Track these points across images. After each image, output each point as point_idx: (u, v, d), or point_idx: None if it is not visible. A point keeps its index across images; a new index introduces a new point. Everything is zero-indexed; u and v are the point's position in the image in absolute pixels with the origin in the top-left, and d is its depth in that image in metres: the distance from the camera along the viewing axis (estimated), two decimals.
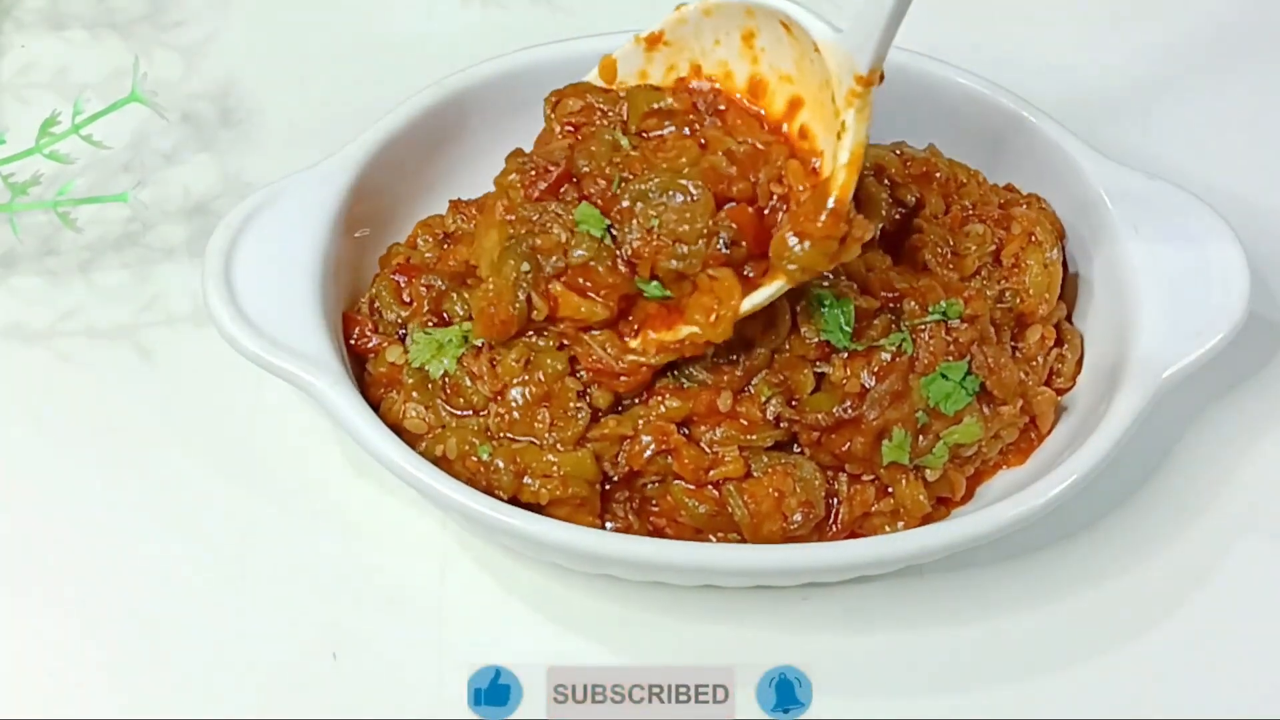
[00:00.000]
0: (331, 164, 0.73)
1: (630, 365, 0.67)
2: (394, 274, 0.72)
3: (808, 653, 0.69)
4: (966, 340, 0.68)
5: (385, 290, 0.72)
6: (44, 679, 0.68)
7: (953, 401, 0.67)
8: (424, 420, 0.69)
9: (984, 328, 0.69)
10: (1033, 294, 0.72)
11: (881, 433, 0.67)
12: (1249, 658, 0.69)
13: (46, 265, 0.80)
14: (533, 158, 0.69)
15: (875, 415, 0.66)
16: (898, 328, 0.68)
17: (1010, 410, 0.69)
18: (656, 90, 0.69)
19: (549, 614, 0.69)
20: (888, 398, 0.67)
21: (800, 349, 0.67)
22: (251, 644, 0.68)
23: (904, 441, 0.67)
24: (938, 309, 0.68)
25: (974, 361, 0.68)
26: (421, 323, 0.70)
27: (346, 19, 0.90)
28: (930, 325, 0.68)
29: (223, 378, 0.74)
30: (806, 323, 0.67)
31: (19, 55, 0.88)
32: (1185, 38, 0.90)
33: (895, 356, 0.67)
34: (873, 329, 0.67)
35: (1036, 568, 0.71)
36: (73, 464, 0.73)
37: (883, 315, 0.68)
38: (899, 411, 0.67)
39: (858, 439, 0.67)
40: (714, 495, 0.66)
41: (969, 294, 0.69)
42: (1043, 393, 0.71)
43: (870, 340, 0.67)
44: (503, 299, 0.67)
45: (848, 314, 0.67)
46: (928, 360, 0.67)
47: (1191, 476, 0.73)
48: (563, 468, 0.66)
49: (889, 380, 0.67)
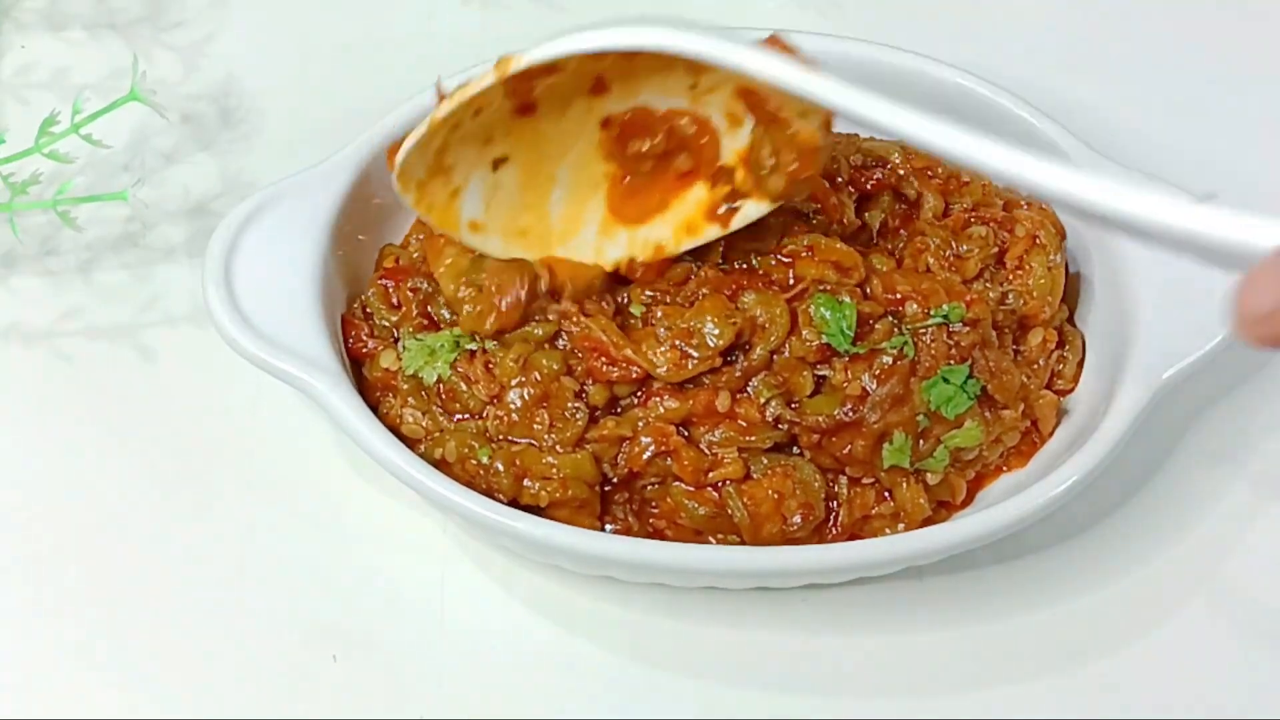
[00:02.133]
0: (332, 164, 0.73)
1: (626, 358, 0.67)
2: (382, 278, 0.72)
3: (808, 653, 0.69)
4: (968, 344, 0.68)
5: (374, 295, 0.72)
6: (43, 679, 0.68)
7: (954, 405, 0.67)
8: (421, 425, 0.69)
9: (986, 331, 0.69)
10: (1036, 297, 0.72)
11: (882, 436, 0.67)
12: (1249, 658, 0.69)
13: (46, 265, 0.80)
14: None
15: (876, 418, 0.66)
16: (899, 331, 0.68)
17: (1012, 414, 0.69)
18: None
19: (549, 615, 0.69)
20: (888, 401, 0.66)
21: (800, 350, 0.67)
22: (251, 645, 0.68)
23: (905, 445, 0.67)
24: (940, 312, 0.68)
25: (975, 365, 0.68)
26: (414, 327, 0.70)
27: (347, 19, 0.90)
28: (932, 329, 0.68)
29: (223, 378, 0.74)
30: (807, 325, 0.67)
31: (19, 55, 0.88)
32: (1186, 40, 0.90)
33: (896, 360, 0.67)
34: (874, 333, 0.67)
35: (1036, 569, 0.71)
36: (72, 464, 0.73)
37: (884, 319, 0.68)
38: (900, 415, 0.67)
39: (858, 442, 0.67)
40: (713, 497, 0.66)
41: (971, 297, 0.69)
42: (1045, 396, 0.71)
43: (871, 344, 0.67)
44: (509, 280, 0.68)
45: (850, 318, 0.67)
46: (929, 364, 0.67)
47: (1191, 477, 0.73)
48: (562, 470, 0.66)
49: (890, 384, 0.67)
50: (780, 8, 0.90)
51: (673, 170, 0.69)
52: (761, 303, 0.67)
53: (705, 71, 0.66)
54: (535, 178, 0.70)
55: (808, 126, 0.66)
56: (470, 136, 0.67)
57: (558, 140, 0.69)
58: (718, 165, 0.69)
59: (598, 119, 0.68)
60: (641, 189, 0.70)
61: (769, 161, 0.67)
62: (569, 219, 0.70)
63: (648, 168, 0.70)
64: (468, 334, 0.69)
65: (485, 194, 0.69)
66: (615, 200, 0.70)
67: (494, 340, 0.68)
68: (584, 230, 0.70)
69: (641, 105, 0.68)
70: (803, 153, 0.66)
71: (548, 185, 0.70)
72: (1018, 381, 0.69)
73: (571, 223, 0.70)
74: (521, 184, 0.69)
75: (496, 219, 0.69)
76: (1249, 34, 0.90)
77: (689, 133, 0.68)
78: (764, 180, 0.67)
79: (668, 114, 0.68)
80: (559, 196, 0.70)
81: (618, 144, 0.69)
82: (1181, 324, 0.69)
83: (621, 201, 0.70)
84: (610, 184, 0.70)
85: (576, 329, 0.67)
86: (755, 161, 0.68)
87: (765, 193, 0.68)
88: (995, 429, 0.69)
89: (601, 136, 0.69)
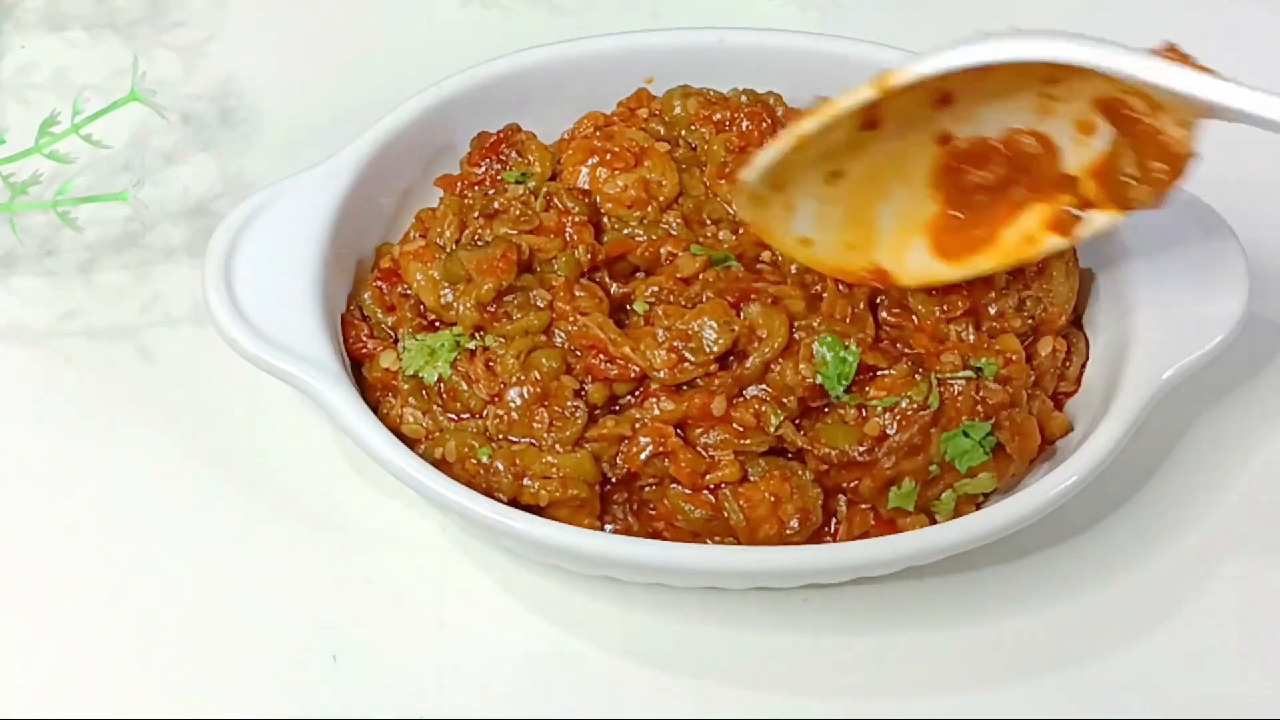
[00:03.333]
0: (332, 164, 0.73)
1: (624, 356, 0.67)
2: (377, 280, 0.72)
3: (808, 653, 0.69)
4: (995, 403, 0.67)
5: (370, 298, 0.72)
6: (43, 679, 0.68)
7: (968, 459, 0.66)
8: (421, 425, 0.69)
9: (1017, 393, 0.68)
10: (1055, 304, 0.71)
11: (892, 480, 0.66)
12: (1249, 658, 0.69)
13: (46, 265, 0.80)
14: None
15: (890, 464, 0.66)
16: (920, 377, 0.66)
17: (1022, 463, 0.68)
18: None
19: (549, 616, 0.69)
20: (905, 448, 0.66)
21: (793, 379, 0.66)
22: (251, 645, 0.68)
23: (912, 491, 0.66)
24: (975, 363, 0.67)
25: (998, 424, 0.67)
26: (413, 327, 0.70)
27: (347, 19, 0.90)
28: (962, 381, 0.67)
29: (223, 378, 0.74)
30: (806, 359, 0.66)
31: (19, 55, 0.88)
32: (1185, 37, 0.89)
33: (919, 409, 0.66)
34: (882, 379, 0.66)
35: (1036, 569, 0.71)
36: (72, 464, 0.73)
37: (899, 365, 0.67)
38: (913, 463, 0.66)
39: (866, 480, 0.66)
40: (710, 500, 0.66)
41: (1010, 356, 0.68)
42: (1056, 418, 0.70)
43: (862, 398, 0.66)
44: None
45: (848, 368, 0.66)
46: (952, 415, 0.66)
47: (1191, 477, 0.73)
48: (562, 469, 0.66)
49: (910, 431, 0.66)
50: (780, 7, 0.90)
51: (1006, 201, 0.68)
52: (763, 315, 0.67)
53: (1060, 82, 0.64)
54: (867, 192, 0.68)
55: (1179, 133, 0.63)
56: (815, 152, 0.66)
57: (895, 155, 0.67)
58: (1058, 175, 0.67)
59: (936, 133, 0.67)
60: (970, 224, 0.68)
61: (1131, 170, 0.65)
62: (899, 235, 0.69)
63: (982, 199, 0.68)
64: (468, 331, 0.68)
65: (816, 209, 0.68)
66: (940, 235, 0.68)
67: (492, 329, 0.68)
68: (912, 252, 0.69)
69: (980, 137, 0.67)
70: (1173, 160, 0.64)
71: (878, 201, 0.68)
72: (1036, 443, 0.68)
73: (901, 240, 0.69)
74: (852, 199, 0.68)
75: (826, 234, 0.68)
76: (1248, 33, 0.90)
77: (1033, 151, 0.67)
78: (1123, 190, 0.65)
79: (1010, 139, 0.67)
80: (889, 212, 0.68)
81: (949, 175, 0.67)
82: (1181, 324, 0.69)
83: (948, 237, 0.68)
84: (938, 216, 0.68)
85: (575, 327, 0.67)
86: (1113, 170, 0.65)
87: (1121, 203, 0.65)
88: (1006, 475, 0.68)
89: (937, 153, 0.67)
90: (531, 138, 0.75)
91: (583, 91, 0.77)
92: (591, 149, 0.74)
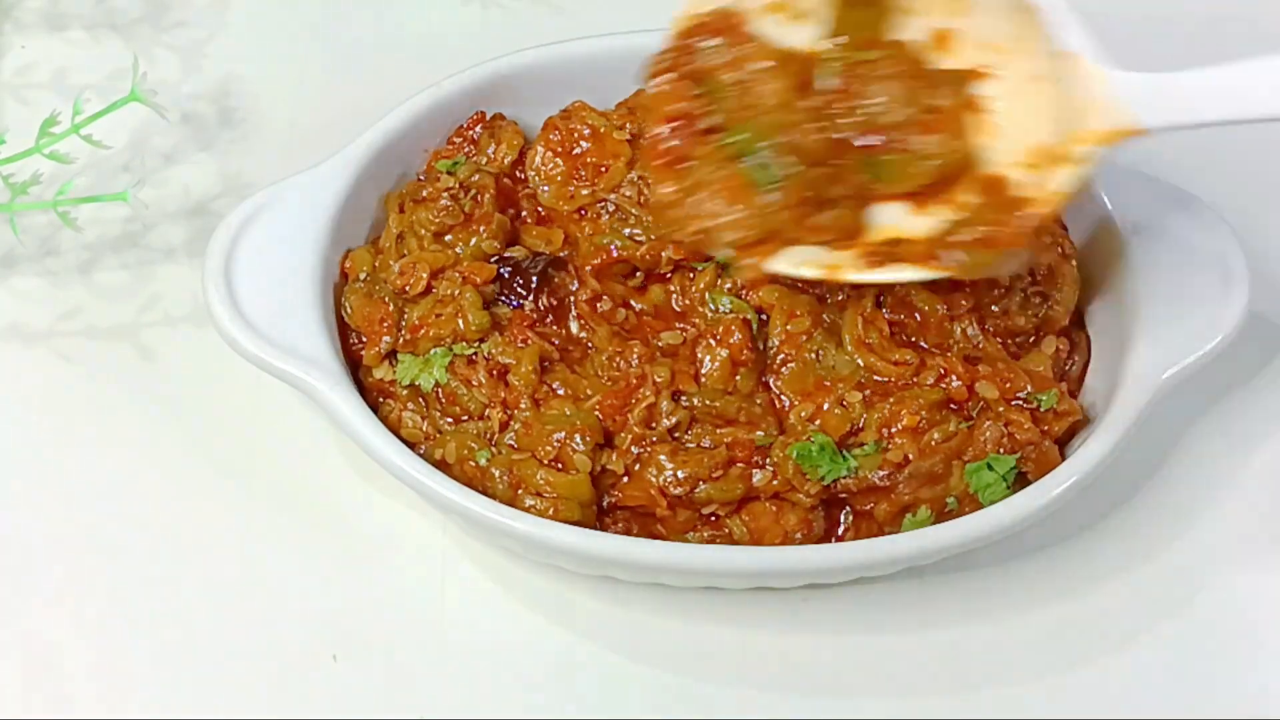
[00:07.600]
0: (332, 164, 0.73)
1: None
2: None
3: (808, 653, 0.69)
4: (1023, 439, 0.67)
5: (349, 306, 0.71)
6: (42, 679, 0.68)
7: (990, 493, 0.66)
8: (420, 429, 0.68)
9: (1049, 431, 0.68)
10: (1061, 305, 0.71)
11: (908, 507, 0.66)
12: (1249, 658, 0.69)
13: (46, 265, 0.80)
14: None
15: (909, 492, 0.66)
16: (952, 411, 0.66)
17: None
18: None
19: (549, 616, 0.69)
20: (925, 477, 0.66)
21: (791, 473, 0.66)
22: (251, 645, 0.68)
23: (927, 520, 0.66)
24: (1035, 398, 0.67)
25: (1024, 458, 0.67)
26: (400, 343, 0.70)
27: (346, 19, 0.90)
28: (995, 414, 0.66)
29: (223, 378, 0.74)
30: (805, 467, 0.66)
31: (19, 55, 0.88)
32: (1185, 36, 0.89)
33: (948, 439, 0.66)
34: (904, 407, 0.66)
35: (1036, 569, 0.71)
36: (72, 464, 0.73)
37: (929, 392, 0.66)
38: (932, 492, 0.66)
39: (882, 505, 0.66)
40: (711, 521, 0.66)
41: (1062, 389, 0.68)
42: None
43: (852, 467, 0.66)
44: None
45: (837, 465, 0.65)
46: (980, 448, 0.66)
47: (1191, 477, 0.73)
48: (556, 489, 0.65)
49: (932, 460, 0.66)
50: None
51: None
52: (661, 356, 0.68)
53: None
54: None
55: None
56: None
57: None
58: None
59: None
60: None
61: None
62: None
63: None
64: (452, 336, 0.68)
65: None
66: None
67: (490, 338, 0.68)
68: None
69: None
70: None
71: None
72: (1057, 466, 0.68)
73: None
74: None
75: None
76: (1249, 31, 0.90)
77: None
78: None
79: None
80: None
81: None
82: (1181, 324, 0.69)
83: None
84: None
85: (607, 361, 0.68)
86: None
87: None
88: None
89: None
90: (510, 124, 0.75)
91: (583, 91, 0.77)
92: (553, 127, 0.74)
